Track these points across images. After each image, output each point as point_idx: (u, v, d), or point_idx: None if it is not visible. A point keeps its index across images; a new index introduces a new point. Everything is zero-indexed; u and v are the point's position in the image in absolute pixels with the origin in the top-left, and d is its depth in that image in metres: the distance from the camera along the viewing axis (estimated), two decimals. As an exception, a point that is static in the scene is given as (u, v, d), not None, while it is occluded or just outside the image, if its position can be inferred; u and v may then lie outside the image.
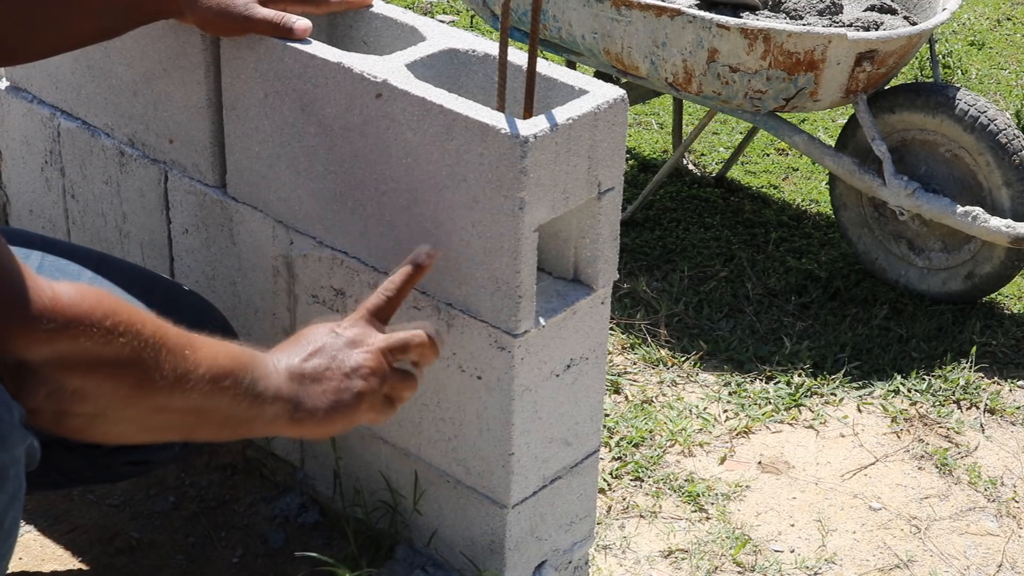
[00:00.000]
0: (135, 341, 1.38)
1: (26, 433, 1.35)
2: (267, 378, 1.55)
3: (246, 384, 1.51)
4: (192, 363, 1.44)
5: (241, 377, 1.50)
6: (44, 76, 2.22)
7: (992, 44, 4.54)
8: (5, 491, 1.32)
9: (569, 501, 1.96)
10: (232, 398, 1.49)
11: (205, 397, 1.46)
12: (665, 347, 2.80)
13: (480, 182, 1.67)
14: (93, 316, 1.34)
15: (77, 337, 1.33)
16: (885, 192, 2.91)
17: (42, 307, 1.31)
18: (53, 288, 1.33)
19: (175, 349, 1.43)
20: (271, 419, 1.56)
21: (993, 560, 2.26)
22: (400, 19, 1.92)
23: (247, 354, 1.54)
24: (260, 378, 1.53)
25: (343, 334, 1.64)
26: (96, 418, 1.40)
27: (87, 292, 1.36)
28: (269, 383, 1.55)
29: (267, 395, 1.54)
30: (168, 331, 1.44)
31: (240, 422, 1.54)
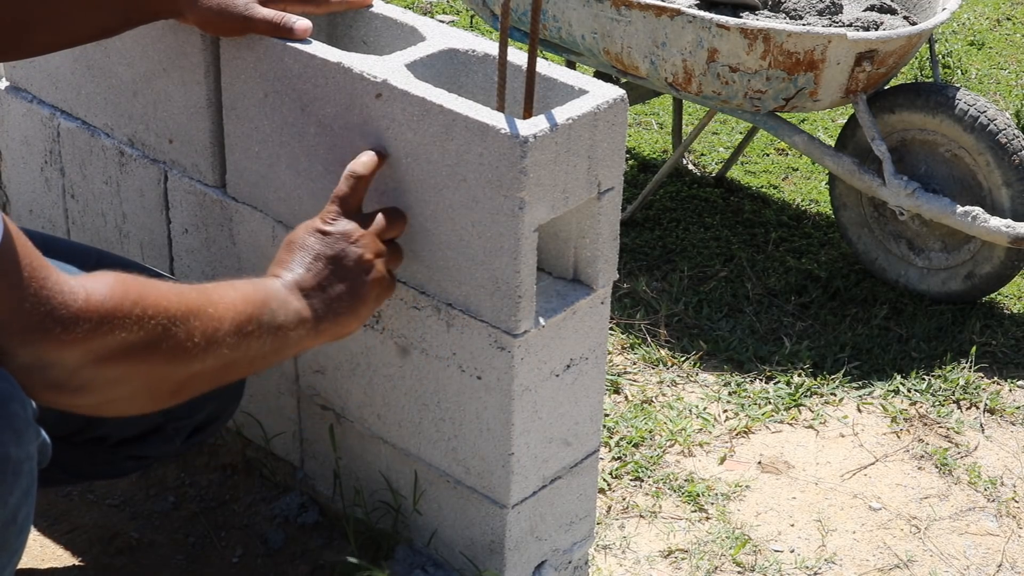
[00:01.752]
0: (163, 319, 1.42)
1: (39, 430, 1.36)
2: (284, 305, 1.58)
3: (267, 321, 1.55)
4: (216, 320, 1.48)
5: (262, 316, 1.54)
6: (44, 76, 2.22)
7: (992, 44, 4.54)
8: (19, 486, 1.33)
9: (569, 501, 1.96)
10: (258, 339, 1.54)
11: (234, 348, 1.51)
12: (665, 347, 2.80)
13: (480, 182, 1.67)
14: (123, 307, 1.38)
15: (111, 331, 1.36)
16: (885, 192, 2.91)
17: (77, 310, 1.34)
18: (85, 288, 1.36)
19: (199, 313, 1.46)
20: (297, 341, 1.61)
21: (993, 560, 2.26)
22: (400, 19, 1.92)
23: (260, 290, 1.58)
24: (278, 309, 1.57)
25: (332, 231, 1.67)
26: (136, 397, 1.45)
27: (114, 284, 1.39)
28: (288, 309, 1.59)
29: (289, 322, 1.58)
30: (189, 296, 1.47)
31: (269, 355, 1.58)
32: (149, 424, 1.84)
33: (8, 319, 1.30)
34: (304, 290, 1.63)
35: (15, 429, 1.31)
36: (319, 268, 1.65)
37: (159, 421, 1.84)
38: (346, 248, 1.67)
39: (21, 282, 1.30)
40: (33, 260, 1.32)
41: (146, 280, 1.44)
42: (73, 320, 1.33)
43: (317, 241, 1.67)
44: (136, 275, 1.44)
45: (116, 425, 1.83)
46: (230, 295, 1.52)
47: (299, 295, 1.62)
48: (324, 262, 1.65)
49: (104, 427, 1.82)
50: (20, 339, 1.31)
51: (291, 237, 1.69)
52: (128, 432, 1.85)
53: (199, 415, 1.88)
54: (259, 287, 1.58)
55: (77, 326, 1.33)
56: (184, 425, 1.87)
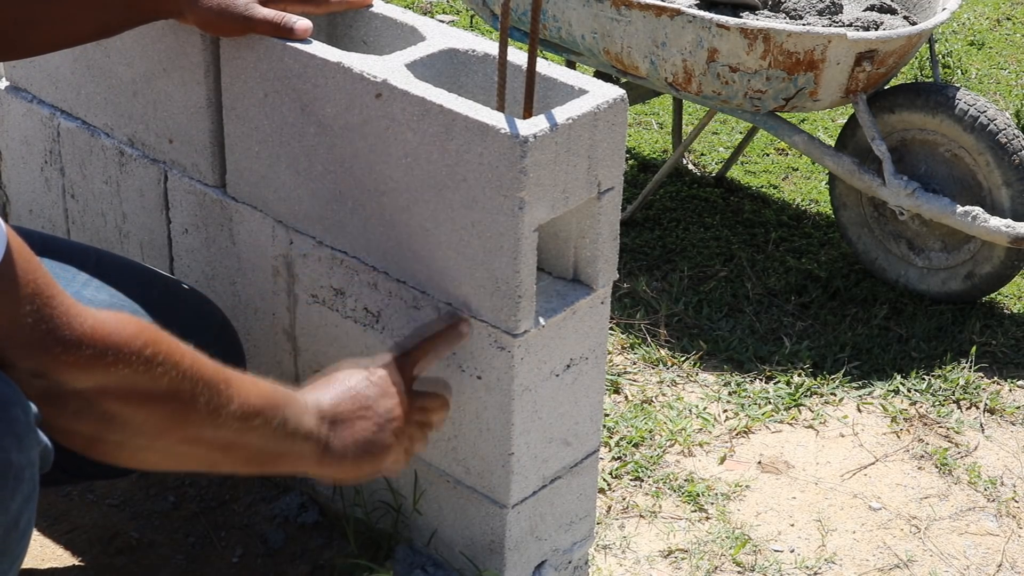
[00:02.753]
0: (173, 372, 1.40)
1: (40, 435, 1.36)
2: (298, 418, 1.56)
3: (276, 423, 1.53)
4: (226, 398, 1.46)
5: (272, 416, 1.52)
6: (44, 76, 2.22)
7: (992, 44, 4.54)
8: (21, 492, 1.33)
9: (569, 501, 1.96)
10: (261, 436, 1.51)
11: (235, 433, 1.48)
12: (665, 347, 2.80)
13: (480, 182, 1.67)
14: (132, 345, 1.36)
15: (116, 365, 1.35)
16: (885, 192, 2.91)
17: (81, 334, 1.32)
18: (94, 315, 1.35)
19: (211, 383, 1.45)
20: (298, 458, 1.58)
21: (993, 560, 2.26)
22: (400, 19, 1.92)
23: (280, 393, 1.56)
24: (291, 417, 1.55)
25: (375, 381, 1.66)
26: (126, 445, 1.43)
27: (128, 321, 1.38)
28: (300, 423, 1.56)
29: (297, 434, 1.56)
30: (205, 365, 1.45)
31: (267, 459, 1.56)
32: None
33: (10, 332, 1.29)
34: (324, 416, 1.61)
35: (16, 434, 1.30)
36: (347, 406, 1.63)
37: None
38: (380, 402, 1.66)
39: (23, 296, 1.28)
40: (39, 277, 1.31)
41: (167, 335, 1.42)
42: (76, 342, 1.31)
43: (357, 381, 1.66)
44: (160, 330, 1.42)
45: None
46: (249, 383, 1.51)
47: (316, 417, 1.59)
48: (354, 403, 1.64)
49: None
50: (22, 352, 1.30)
51: (338, 368, 1.69)
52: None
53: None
54: (280, 391, 1.57)
55: (79, 349, 1.32)
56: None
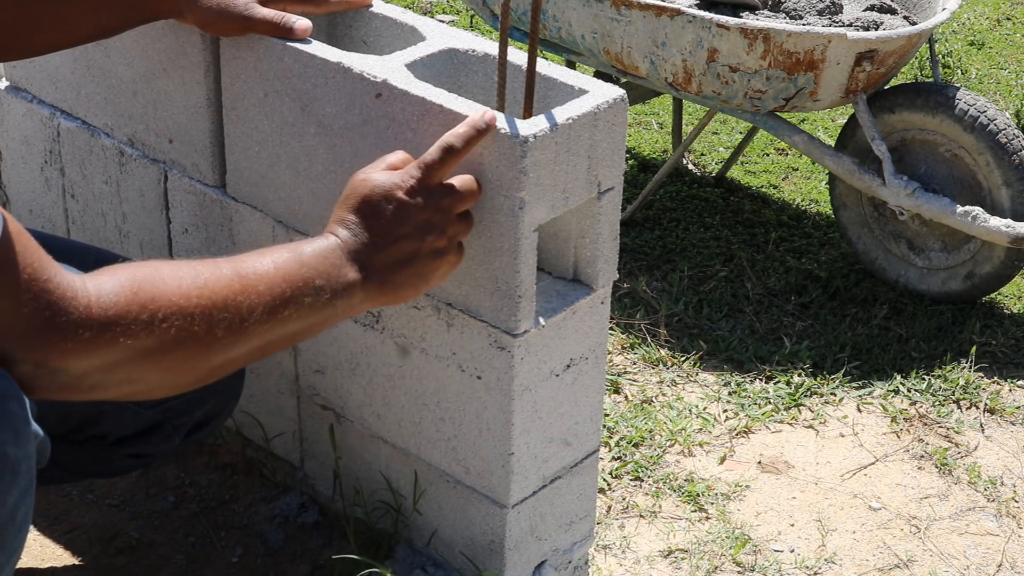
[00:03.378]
0: (178, 320, 1.36)
1: (37, 429, 1.36)
2: (336, 273, 1.50)
3: (308, 302, 1.47)
4: (247, 309, 1.41)
5: (302, 298, 1.46)
6: (44, 76, 2.22)
7: (992, 44, 4.54)
8: (17, 486, 1.33)
9: (569, 501, 1.96)
10: (296, 320, 1.46)
11: (266, 333, 1.44)
12: (665, 347, 2.80)
13: (480, 182, 1.67)
14: (130, 314, 1.33)
15: (117, 338, 1.33)
16: (885, 192, 2.91)
17: (78, 317, 1.30)
18: (88, 292, 1.32)
19: (224, 304, 1.40)
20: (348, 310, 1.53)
21: (993, 560, 2.26)
22: (400, 19, 1.92)
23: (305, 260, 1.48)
24: (326, 283, 1.48)
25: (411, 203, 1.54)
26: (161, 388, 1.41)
27: (124, 284, 1.35)
28: (340, 279, 1.50)
29: (337, 293, 1.50)
30: (214, 287, 1.40)
31: (315, 328, 1.51)
32: (148, 422, 1.84)
33: (7, 324, 1.28)
34: (365, 259, 1.53)
35: (13, 428, 1.30)
36: (389, 239, 1.54)
37: (158, 419, 1.84)
38: (423, 223, 1.56)
39: (19, 288, 1.27)
40: (35, 261, 1.29)
41: (164, 274, 1.38)
42: (73, 328, 1.30)
43: (393, 208, 1.55)
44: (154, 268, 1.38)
45: (115, 423, 1.82)
46: (268, 275, 1.44)
47: (356, 265, 1.52)
48: (396, 234, 1.54)
49: (103, 425, 1.82)
50: (21, 345, 1.30)
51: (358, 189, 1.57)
52: (127, 430, 1.85)
53: (198, 412, 1.88)
54: (305, 263, 1.48)
55: (78, 334, 1.30)
56: (183, 423, 1.87)
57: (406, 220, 1.56)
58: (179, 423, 1.87)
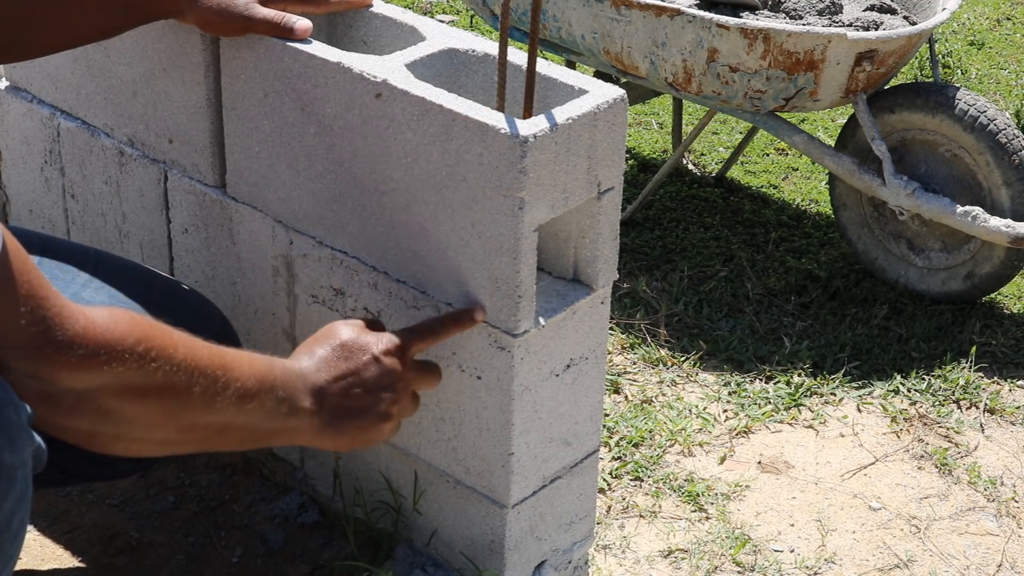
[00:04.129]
0: (167, 366, 1.40)
1: (33, 435, 1.36)
2: (293, 396, 1.56)
3: (272, 404, 1.53)
4: (222, 385, 1.46)
5: (268, 398, 1.52)
6: (44, 76, 2.22)
7: (992, 44, 4.54)
8: (13, 492, 1.33)
9: (569, 501, 1.96)
10: (257, 417, 1.52)
11: (232, 416, 1.49)
12: (665, 347, 2.80)
13: (480, 182, 1.67)
14: (125, 343, 1.36)
15: (109, 363, 1.35)
16: (885, 192, 2.91)
17: (74, 334, 1.32)
18: (86, 315, 1.35)
19: (206, 371, 1.44)
20: (294, 433, 1.59)
21: (993, 560, 2.26)
22: (400, 19, 1.92)
23: (275, 370, 1.55)
24: (287, 397, 1.55)
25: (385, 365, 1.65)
26: (123, 437, 1.43)
27: (120, 317, 1.38)
28: (295, 402, 1.56)
29: (293, 413, 1.56)
30: (200, 353, 1.45)
31: (262, 436, 1.56)
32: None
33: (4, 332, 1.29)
34: (321, 395, 1.60)
35: (9, 435, 1.30)
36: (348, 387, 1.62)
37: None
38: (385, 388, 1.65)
39: (17, 297, 1.29)
40: (33, 278, 1.31)
41: (157, 325, 1.42)
42: (68, 343, 1.32)
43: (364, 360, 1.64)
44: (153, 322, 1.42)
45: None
46: (243, 366, 1.50)
47: (312, 397, 1.59)
48: (358, 386, 1.63)
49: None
50: (15, 353, 1.31)
51: (341, 336, 1.65)
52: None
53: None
54: (276, 367, 1.55)
55: (72, 350, 1.32)
56: (184, 425, 1.87)
57: (370, 376, 1.64)
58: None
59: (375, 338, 1.66)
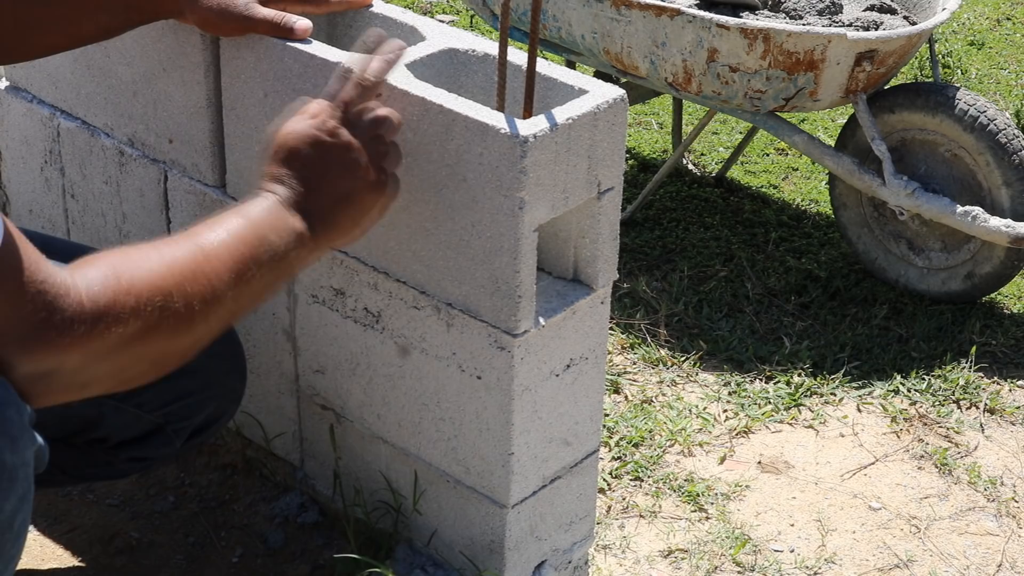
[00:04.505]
0: (159, 298, 1.39)
1: (35, 436, 1.36)
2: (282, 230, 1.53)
3: (266, 259, 1.50)
4: (214, 278, 1.45)
5: (260, 256, 1.50)
6: (44, 76, 2.22)
7: (992, 44, 4.54)
8: (15, 492, 1.33)
9: (569, 501, 1.96)
10: (259, 279, 1.50)
11: (236, 298, 1.47)
12: (665, 347, 2.80)
13: (480, 182, 1.67)
14: (118, 300, 1.36)
15: (108, 328, 1.35)
16: (885, 192, 2.91)
17: (72, 314, 1.33)
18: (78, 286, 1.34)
19: (194, 277, 1.43)
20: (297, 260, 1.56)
21: (993, 560, 2.26)
22: (400, 19, 1.92)
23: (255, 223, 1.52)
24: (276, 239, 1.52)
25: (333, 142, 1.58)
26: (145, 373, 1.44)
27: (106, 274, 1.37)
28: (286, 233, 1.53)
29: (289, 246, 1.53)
30: (182, 261, 1.43)
31: (272, 285, 1.54)
32: (148, 426, 1.84)
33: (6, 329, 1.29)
34: (303, 206, 1.56)
35: (10, 435, 1.30)
36: (318, 180, 1.57)
37: (159, 423, 1.84)
38: (348, 158, 1.58)
39: (18, 291, 1.29)
40: (32, 264, 1.30)
41: (135, 258, 1.40)
42: (69, 323, 1.32)
43: (319, 152, 1.57)
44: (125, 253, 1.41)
45: (115, 427, 1.82)
46: (225, 242, 1.47)
47: (297, 213, 1.55)
48: (324, 173, 1.57)
49: (103, 429, 1.82)
50: (19, 348, 1.30)
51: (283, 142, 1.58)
52: (128, 434, 1.84)
53: (199, 417, 1.88)
54: (254, 222, 1.51)
55: (73, 329, 1.32)
56: (184, 427, 1.87)
57: (334, 160, 1.58)
58: (179, 427, 1.86)
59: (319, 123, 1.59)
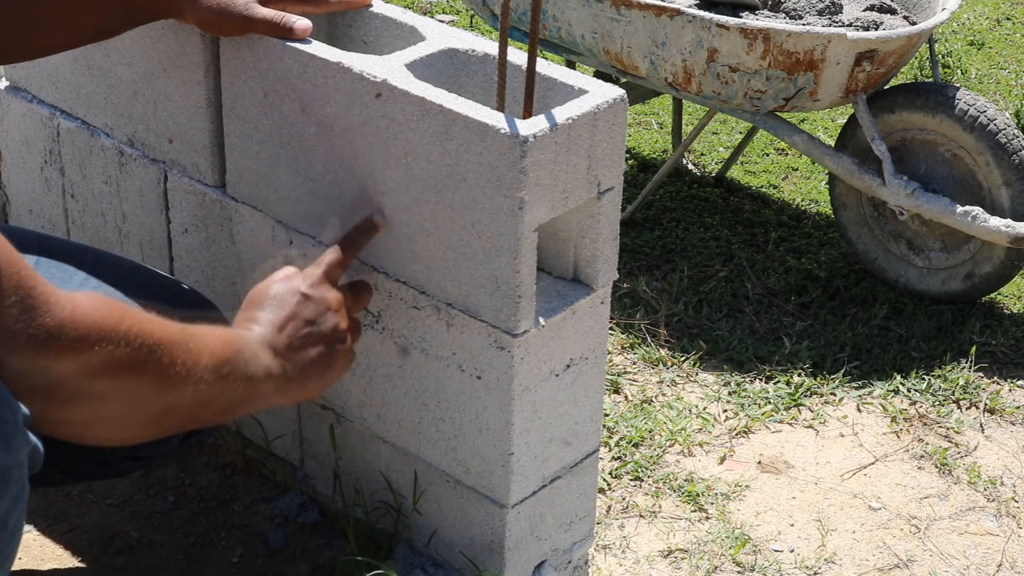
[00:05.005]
0: (149, 340, 1.43)
1: (29, 436, 1.36)
2: (256, 358, 1.59)
3: (241, 368, 1.56)
4: (196, 355, 1.49)
5: (237, 361, 1.55)
6: (44, 76, 2.22)
7: (992, 44, 4.54)
8: (8, 493, 1.33)
9: (569, 501, 1.96)
10: (233, 384, 1.54)
11: (210, 387, 1.51)
12: (665, 347, 2.80)
13: (480, 182, 1.67)
14: (110, 322, 1.38)
15: (98, 344, 1.37)
16: (885, 192, 2.91)
17: (62, 320, 1.35)
18: (71, 300, 1.37)
19: (180, 345, 1.47)
20: (265, 396, 1.62)
21: (993, 560, 2.26)
22: (400, 19, 1.92)
23: (235, 337, 1.59)
24: (250, 359, 1.58)
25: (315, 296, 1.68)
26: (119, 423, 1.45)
27: (100, 300, 1.40)
28: (259, 363, 1.59)
29: (259, 375, 1.59)
30: (171, 328, 1.48)
31: (237, 405, 1.59)
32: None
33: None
34: (276, 349, 1.63)
35: (4, 435, 1.31)
36: (295, 330, 1.65)
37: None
38: (325, 316, 1.68)
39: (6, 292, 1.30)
40: (20, 270, 1.32)
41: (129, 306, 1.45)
42: (59, 329, 1.33)
43: (297, 303, 1.67)
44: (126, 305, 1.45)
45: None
46: (209, 334, 1.54)
47: (270, 353, 1.62)
48: (301, 325, 1.66)
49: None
50: (8, 345, 1.31)
51: (266, 291, 1.69)
52: (126, 433, 1.84)
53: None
54: (234, 334, 1.60)
55: (63, 335, 1.34)
56: (182, 425, 1.87)
57: (308, 313, 1.67)
58: (178, 426, 1.87)
59: (298, 280, 1.69)
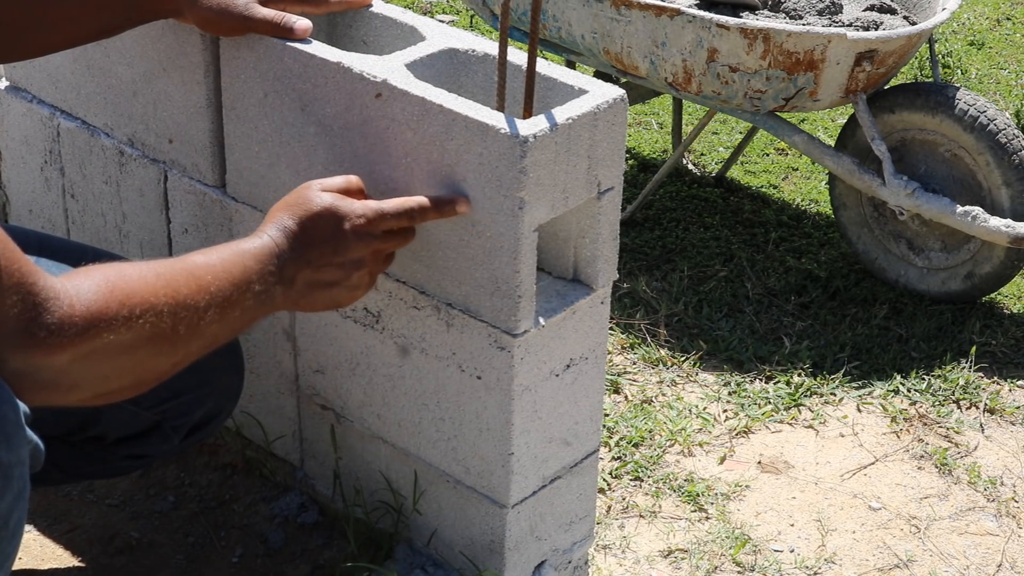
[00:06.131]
0: (151, 316, 1.42)
1: (30, 434, 1.36)
2: (268, 280, 1.58)
3: (249, 303, 1.55)
4: (203, 307, 1.49)
5: (245, 299, 1.55)
6: (44, 76, 2.22)
7: (992, 44, 4.54)
8: (10, 491, 1.33)
9: (569, 501, 1.96)
10: (239, 319, 1.55)
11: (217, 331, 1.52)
12: (665, 347, 2.80)
13: (480, 182, 1.67)
14: (110, 309, 1.38)
15: (98, 334, 1.37)
16: (885, 192, 2.91)
17: (62, 316, 1.35)
18: (70, 292, 1.36)
19: (187, 303, 1.47)
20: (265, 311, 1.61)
21: (993, 560, 2.26)
22: (400, 19, 1.92)
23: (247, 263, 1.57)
24: (261, 287, 1.57)
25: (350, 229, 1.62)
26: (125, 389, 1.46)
27: (100, 284, 1.39)
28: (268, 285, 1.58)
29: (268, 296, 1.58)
30: (176, 284, 1.47)
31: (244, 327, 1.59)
32: (146, 423, 1.84)
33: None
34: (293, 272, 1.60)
35: (5, 434, 1.31)
36: (320, 262, 1.62)
37: (156, 419, 1.84)
38: (355, 260, 1.64)
39: (7, 291, 1.30)
40: (21, 267, 1.32)
41: (131, 273, 1.44)
42: (59, 326, 1.34)
43: (335, 235, 1.62)
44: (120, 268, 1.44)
45: (113, 424, 1.82)
46: (218, 277, 1.52)
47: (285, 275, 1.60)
48: (328, 260, 1.62)
49: (101, 426, 1.82)
50: (8, 344, 1.31)
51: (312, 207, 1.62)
52: (125, 431, 1.85)
53: (197, 414, 1.88)
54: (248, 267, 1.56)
55: (63, 331, 1.34)
56: (181, 424, 1.87)
57: (341, 252, 1.63)
58: (177, 424, 1.87)
59: (349, 209, 1.64)
